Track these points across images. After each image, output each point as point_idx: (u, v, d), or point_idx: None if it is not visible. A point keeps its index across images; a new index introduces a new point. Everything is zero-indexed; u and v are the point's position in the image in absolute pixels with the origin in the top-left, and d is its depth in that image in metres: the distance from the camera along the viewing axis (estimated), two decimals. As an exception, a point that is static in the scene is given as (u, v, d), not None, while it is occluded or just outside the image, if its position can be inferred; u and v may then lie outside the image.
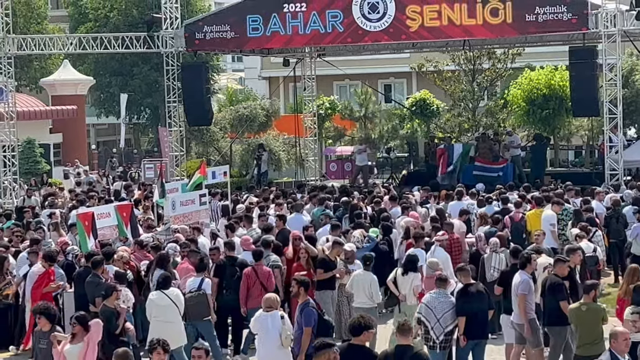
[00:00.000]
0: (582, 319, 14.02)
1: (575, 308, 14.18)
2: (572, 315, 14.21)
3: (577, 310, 14.12)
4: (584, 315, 14.01)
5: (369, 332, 11.66)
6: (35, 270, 17.18)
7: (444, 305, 14.53)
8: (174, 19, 34.68)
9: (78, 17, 60.32)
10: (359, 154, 37.32)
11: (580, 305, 14.16)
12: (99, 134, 69.80)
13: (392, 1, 31.72)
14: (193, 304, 16.02)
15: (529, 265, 15.49)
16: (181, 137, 36.03)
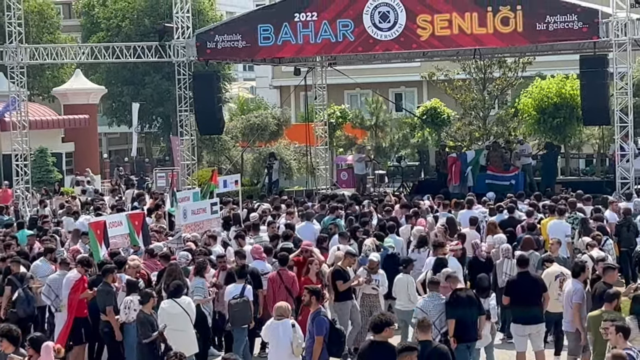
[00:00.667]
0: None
1: (596, 316, 14.11)
2: (592, 324, 14.15)
3: (599, 317, 13.96)
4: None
5: (390, 329, 12.24)
6: (71, 276, 17.01)
7: (438, 308, 14.78)
8: (186, 29, 34.82)
9: (90, 26, 60.48)
10: (359, 163, 37.35)
11: (601, 313, 14.05)
12: (111, 142, 69.95)
13: (403, 10, 31.77)
14: (237, 310, 16.25)
15: (582, 274, 15.52)
16: (192, 146, 36.10)
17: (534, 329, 15.88)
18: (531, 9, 30.59)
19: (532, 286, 15.97)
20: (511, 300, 16.04)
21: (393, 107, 47.82)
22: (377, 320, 12.34)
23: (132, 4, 57.68)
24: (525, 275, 16.19)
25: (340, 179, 41.27)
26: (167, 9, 44.74)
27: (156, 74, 56.29)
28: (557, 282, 16.49)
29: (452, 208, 24.79)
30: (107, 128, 63.61)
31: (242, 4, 78.01)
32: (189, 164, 36.02)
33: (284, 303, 14.27)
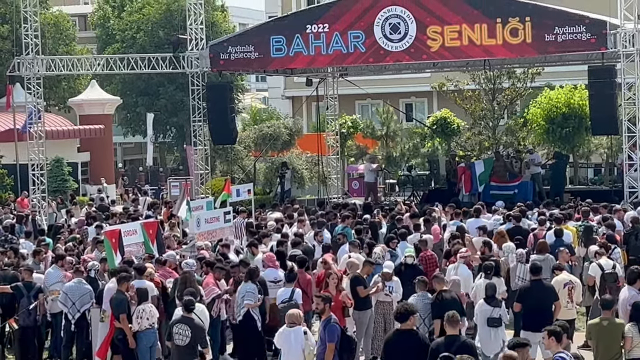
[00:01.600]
0: (602, 335, 14.16)
1: (595, 323, 14.30)
2: (592, 331, 14.33)
3: (598, 325, 14.25)
4: (605, 330, 14.16)
5: (414, 317, 12.99)
6: (111, 286, 17.02)
7: (427, 306, 15.29)
8: (199, 40, 35.02)
9: (105, 38, 60.85)
10: (370, 172, 37.52)
11: (601, 320, 14.26)
12: (126, 152, 70.22)
13: (413, 22, 31.90)
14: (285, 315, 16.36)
15: (638, 281, 15.60)
16: (206, 156, 36.26)
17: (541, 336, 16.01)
18: (540, 20, 30.66)
19: (544, 294, 16.09)
20: (523, 307, 16.19)
21: (403, 117, 47.85)
22: (401, 309, 12.97)
23: (147, 16, 57.95)
24: (538, 282, 16.32)
25: (352, 188, 41.41)
26: (181, 21, 44.97)
27: (170, 85, 56.55)
28: (566, 290, 16.68)
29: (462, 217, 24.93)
30: (122, 138, 63.84)
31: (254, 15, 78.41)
32: (202, 174, 36.14)
33: (295, 310, 14.48)
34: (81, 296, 17.91)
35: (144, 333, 16.21)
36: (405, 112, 49.85)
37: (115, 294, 16.66)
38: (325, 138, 40.41)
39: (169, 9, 57.08)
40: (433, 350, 12.59)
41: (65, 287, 18.07)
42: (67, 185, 40.16)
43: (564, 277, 16.95)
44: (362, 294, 17.13)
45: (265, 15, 60.62)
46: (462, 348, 12.50)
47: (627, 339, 14.17)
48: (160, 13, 57.41)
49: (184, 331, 14.96)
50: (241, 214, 25.73)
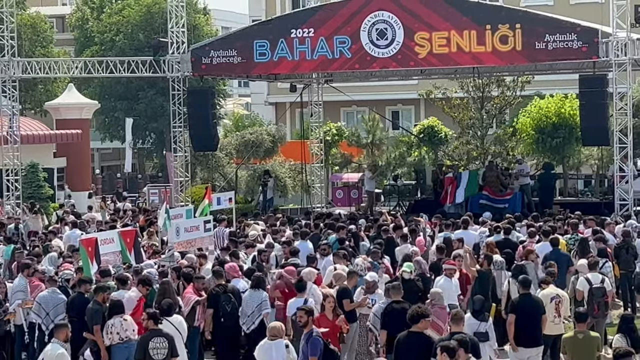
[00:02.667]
0: (577, 348, 14.11)
1: (570, 337, 14.27)
2: (567, 344, 14.25)
3: (574, 338, 14.22)
4: (580, 343, 14.13)
5: (426, 320, 13.40)
6: (132, 295, 16.85)
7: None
8: (181, 43, 34.74)
9: (84, 40, 60.55)
10: (370, 180, 37.26)
11: (576, 333, 14.24)
12: (104, 158, 69.84)
13: (401, 28, 31.71)
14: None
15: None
16: (186, 163, 35.96)
17: (534, 351, 15.80)
18: (530, 27, 30.55)
19: (533, 308, 15.91)
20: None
21: (390, 125, 47.71)
22: (414, 312, 13.41)
23: (127, 18, 57.70)
24: (527, 296, 16.11)
25: (336, 197, 41.07)
26: (161, 24, 44.61)
27: (150, 89, 56.26)
28: (553, 304, 16.42)
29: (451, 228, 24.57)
30: (100, 143, 63.61)
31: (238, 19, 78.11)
32: (182, 181, 35.85)
33: (277, 323, 14.27)
34: (55, 306, 17.50)
35: (116, 347, 15.77)
36: (391, 119, 49.80)
37: (90, 304, 16.31)
38: (309, 146, 40.23)
39: (150, 11, 56.90)
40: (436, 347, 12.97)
41: (39, 297, 17.75)
42: (43, 191, 39.34)
43: (551, 291, 16.76)
44: (347, 308, 16.87)
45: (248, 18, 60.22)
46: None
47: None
48: (140, 15, 57.15)
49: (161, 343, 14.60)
50: (222, 223, 25.27)
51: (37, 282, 18.67)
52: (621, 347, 12.60)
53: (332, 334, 15.36)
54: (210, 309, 17.34)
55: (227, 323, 17.36)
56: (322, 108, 40.64)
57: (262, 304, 17.25)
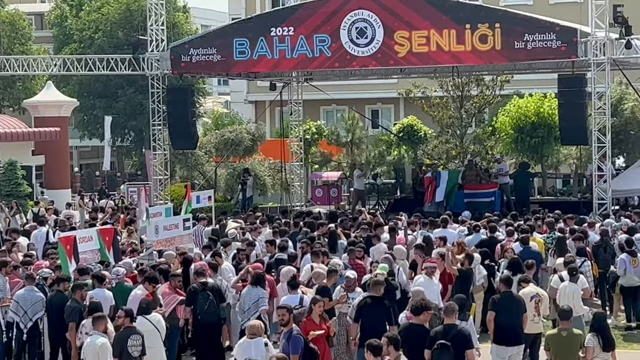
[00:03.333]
0: (560, 345, 14.14)
1: (554, 334, 14.28)
2: (550, 341, 14.28)
3: (557, 336, 14.24)
4: (563, 341, 14.16)
5: (427, 313, 13.91)
6: (138, 293, 16.74)
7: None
8: (160, 41, 34.62)
9: (63, 38, 60.20)
10: (358, 178, 37.26)
11: (559, 331, 14.27)
12: (82, 156, 69.50)
13: (381, 26, 31.71)
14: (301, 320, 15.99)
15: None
16: (165, 161, 35.83)
17: (515, 350, 15.77)
18: (510, 27, 30.60)
19: (515, 306, 15.86)
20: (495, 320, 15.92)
21: (369, 124, 47.70)
22: (417, 304, 13.97)
23: (106, 16, 57.40)
24: (509, 295, 16.08)
25: (315, 195, 40.97)
26: (141, 22, 44.44)
27: (129, 87, 55.99)
28: (533, 302, 16.41)
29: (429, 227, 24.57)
30: (79, 141, 63.26)
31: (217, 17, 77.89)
32: (161, 179, 35.68)
33: (257, 322, 14.21)
34: (33, 304, 17.33)
35: None
36: (371, 118, 49.80)
37: (69, 302, 16.31)
38: (288, 144, 40.14)
39: (129, 8, 56.63)
40: (431, 337, 13.55)
41: (16, 295, 17.61)
42: (21, 189, 39.08)
43: (531, 290, 16.72)
44: (327, 306, 16.62)
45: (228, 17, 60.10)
46: (457, 335, 13.50)
47: (589, 349, 14.13)
48: (119, 13, 56.88)
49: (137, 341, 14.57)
50: (201, 222, 25.21)
51: (17, 279, 18.51)
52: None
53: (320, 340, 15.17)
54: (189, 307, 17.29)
55: (204, 321, 17.28)
56: (301, 106, 40.62)
57: (260, 301, 17.20)
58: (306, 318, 15.29)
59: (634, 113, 35.61)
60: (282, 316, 14.16)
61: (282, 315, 14.18)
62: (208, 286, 17.52)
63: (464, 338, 13.57)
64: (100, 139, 59.37)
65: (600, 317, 14.56)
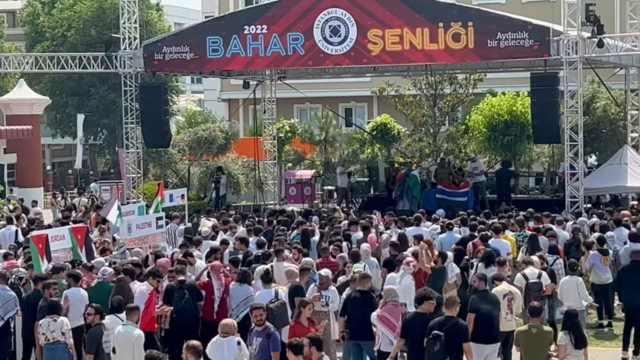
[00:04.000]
0: (530, 342, 14.24)
1: (524, 331, 14.37)
2: (520, 338, 14.35)
3: (527, 332, 14.33)
4: (533, 338, 14.25)
5: (429, 303, 14.48)
6: (144, 288, 16.81)
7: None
8: (133, 39, 34.43)
9: (35, 35, 59.98)
10: (341, 175, 37.31)
11: (529, 327, 14.34)
12: (55, 154, 69.19)
13: (354, 25, 31.66)
14: (278, 314, 16.21)
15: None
16: (138, 159, 35.65)
17: (493, 347, 15.88)
18: (482, 25, 30.57)
19: (492, 304, 15.94)
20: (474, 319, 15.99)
21: (343, 122, 47.81)
22: (420, 294, 14.68)
23: (78, 14, 57.27)
24: (485, 293, 16.13)
25: (289, 194, 40.97)
26: (114, 20, 44.19)
27: (102, 85, 55.87)
28: (506, 300, 16.46)
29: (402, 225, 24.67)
30: (51, 139, 62.98)
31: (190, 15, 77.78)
32: (134, 177, 35.55)
33: (229, 320, 14.19)
34: (5, 303, 17.20)
35: (45, 347, 15.68)
36: (344, 117, 49.87)
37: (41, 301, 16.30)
38: (262, 142, 40.08)
39: (102, 6, 56.59)
40: (430, 327, 14.10)
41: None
42: (-7, 188, 38.92)
43: (504, 288, 16.75)
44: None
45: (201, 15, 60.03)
46: (453, 327, 14.02)
47: (561, 348, 14.24)
48: (92, 11, 56.77)
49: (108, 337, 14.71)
50: (174, 220, 25.12)
51: None
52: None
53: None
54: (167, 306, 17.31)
55: (179, 320, 17.29)
56: (275, 105, 40.55)
57: (249, 299, 17.12)
58: (295, 322, 15.20)
59: (606, 111, 35.74)
60: (260, 316, 14.18)
61: (259, 315, 14.19)
62: (185, 284, 17.52)
63: (461, 331, 14.06)
64: (72, 137, 59.16)
65: (573, 314, 14.63)
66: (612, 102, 35.54)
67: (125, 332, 14.43)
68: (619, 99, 35.58)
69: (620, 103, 35.48)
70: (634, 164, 31.12)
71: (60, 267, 18.08)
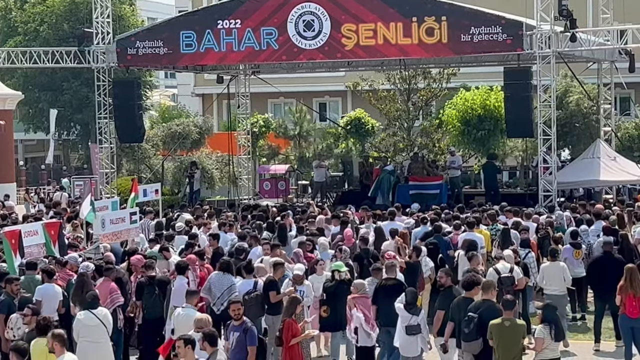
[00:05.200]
0: (503, 335, 14.30)
1: (497, 324, 14.43)
2: (493, 331, 14.39)
3: (500, 326, 14.40)
4: (506, 331, 14.31)
5: (477, 288, 15.15)
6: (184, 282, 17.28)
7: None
8: (106, 34, 34.35)
9: (7, 30, 59.69)
10: (318, 169, 37.53)
11: (502, 321, 14.40)
12: (27, 150, 68.91)
13: (328, 19, 31.73)
14: (252, 305, 16.46)
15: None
16: (112, 154, 35.58)
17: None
18: (456, 20, 30.72)
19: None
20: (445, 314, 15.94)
21: (317, 117, 47.87)
22: (469, 279, 15.38)
23: (51, 8, 57.02)
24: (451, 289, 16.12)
25: (263, 189, 41.00)
26: (86, 14, 44.13)
27: (75, 80, 55.70)
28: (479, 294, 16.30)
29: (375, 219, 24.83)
30: (24, 135, 62.75)
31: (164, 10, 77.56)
32: (108, 173, 35.51)
33: (204, 316, 14.16)
34: None
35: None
36: (318, 111, 49.91)
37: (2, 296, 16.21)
38: (236, 137, 40.06)
39: (74, 1, 56.55)
40: (467, 309, 14.80)
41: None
42: (-36, 183, 38.78)
43: None
44: (274, 300, 16.90)
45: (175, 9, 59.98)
46: (488, 309, 14.64)
47: (538, 340, 14.30)
48: (65, 5, 56.61)
49: None
50: (148, 215, 25.05)
51: None
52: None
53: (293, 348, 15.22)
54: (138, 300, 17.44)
55: (149, 316, 17.37)
56: (249, 99, 40.53)
57: (232, 287, 17.23)
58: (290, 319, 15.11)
59: (579, 105, 35.87)
60: (237, 310, 14.22)
61: (237, 310, 14.22)
62: (156, 280, 17.56)
63: (495, 313, 14.57)
64: (45, 132, 59.03)
65: (551, 307, 14.78)
66: (585, 96, 35.67)
67: (185, 314, 14.99)
68: (592, 93, 35.73)
69: (593, 97, 35.63)
70: (606, 157, 31.28)
71: (33, 263, 17.96)
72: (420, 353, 15.78)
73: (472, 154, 38.45)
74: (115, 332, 16.44)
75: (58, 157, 64.54)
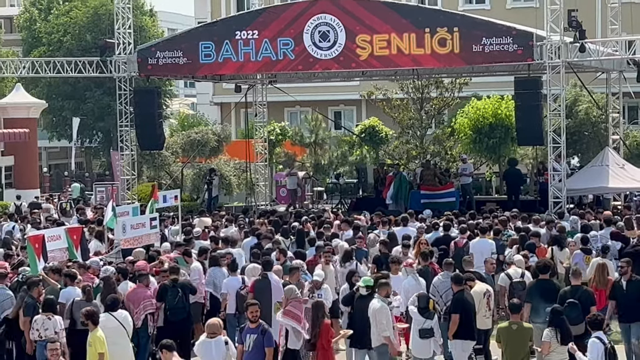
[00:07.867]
0: (511, 338, 14.45)
1: (505, 327, 14.57)
2: (501, 334, 14.55)
3: (507, 329, 14.53)
4: (514, 334, 14.46)
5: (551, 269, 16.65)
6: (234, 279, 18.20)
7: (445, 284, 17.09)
8: (127, 44, 34.73)
9: (31, 41, 60.09)
10: (290, 177, 38.00)
11: (510, 324, 14.56)
12: (51, 157, 69.34)
13: (343, 30, 32.01)
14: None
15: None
16: (133, 161, 35.94)
17: (472, 344, 16.28)
18: (468, 31, 30.90)
19: (470, 303, 16.27)
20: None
21: (332, 125, 47.80)
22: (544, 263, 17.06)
23: (74, 19, 57.40)
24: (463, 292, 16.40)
25: (280, 195, 41.36)
26: (108, 25, 44.64)
27: (97, 89, 56.06)
28: (485, 299, 16.76)
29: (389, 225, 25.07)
30: (48, 142, 63.05)
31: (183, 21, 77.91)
32: (128, 179, 35.85)
33: (216, 320, 14.28)
34: (1, 302, 17.39)
35: (37, 344, 15.91)
36: (334, 120, 49.96)
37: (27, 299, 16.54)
38: (253, 145, 40.23)
39: (97, 12, 56.65)
40: (561, 295, 16.04)
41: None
42: (-10, 190, 39.40)
43: (482, 287, 17.00)
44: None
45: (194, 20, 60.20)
46: (583, 294, 16.08)
47: (545, 344, 14.32)
48: (87, 16, 56.90)
49: None
50: (167, 220, 25.46)
51: None
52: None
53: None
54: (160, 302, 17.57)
55: (173, 318, 17.50)
56: (266, 108, 40.73)
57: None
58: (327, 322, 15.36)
59: (588, 114, 36.01)
60: (255, 312, 14.35)
61: (254, 312, 14.35)
62: (179, 283, 17.73)
63: (590, 297, 16.18)
64: (68, 140, 59.30)
65: (558, 311, 14.77)
66: (594, 105, 35.83)
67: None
68: (601, 102, 35.82)
69: (602, 106, 35.73)
70: (615, 165, 31.41)
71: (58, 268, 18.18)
72: (432, 355, 15.93)
73: (484, 162, 38.68)
74: (144, 336, 16.92)
75: (80, 164, 65.18)
